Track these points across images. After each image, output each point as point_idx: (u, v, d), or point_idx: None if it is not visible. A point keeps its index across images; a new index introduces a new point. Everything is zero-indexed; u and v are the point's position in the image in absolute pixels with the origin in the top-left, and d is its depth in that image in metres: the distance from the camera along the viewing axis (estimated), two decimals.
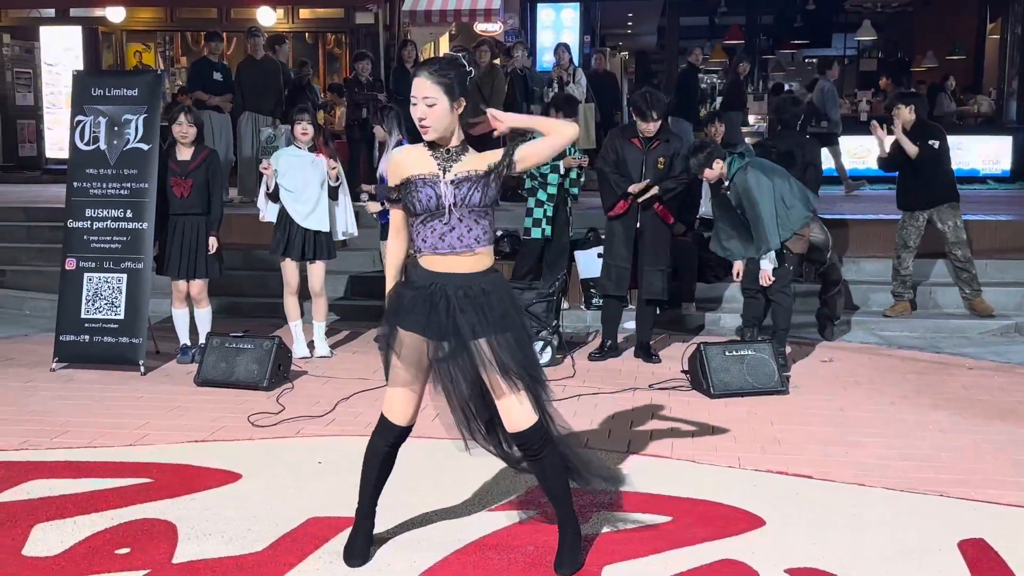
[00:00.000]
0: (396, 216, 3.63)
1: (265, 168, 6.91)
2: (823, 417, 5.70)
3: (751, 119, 14.84)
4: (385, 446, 3.63)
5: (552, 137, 3.55)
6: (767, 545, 3.88)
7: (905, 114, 8.02)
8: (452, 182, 3.43)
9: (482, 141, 3.85)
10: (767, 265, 6.48)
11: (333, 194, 7.00)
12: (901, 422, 5.60)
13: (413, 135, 4.23)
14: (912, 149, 7.93)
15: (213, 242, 6.81)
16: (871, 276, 8.87)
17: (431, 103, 3.39)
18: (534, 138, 3.59)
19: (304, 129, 6.96)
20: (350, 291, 8.94)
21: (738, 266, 6.74)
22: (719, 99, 16.19)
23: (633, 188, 6.82)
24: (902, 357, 7.30)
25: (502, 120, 3.57)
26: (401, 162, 3.54)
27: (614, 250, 7.03)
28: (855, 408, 5.91)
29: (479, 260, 3.48)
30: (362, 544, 3.71)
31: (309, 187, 6.91)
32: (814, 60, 27.42)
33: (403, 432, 3.63)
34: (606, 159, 7.00)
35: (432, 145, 3.50)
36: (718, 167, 6.51)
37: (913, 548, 3.86)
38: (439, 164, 3.46)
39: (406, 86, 12.24)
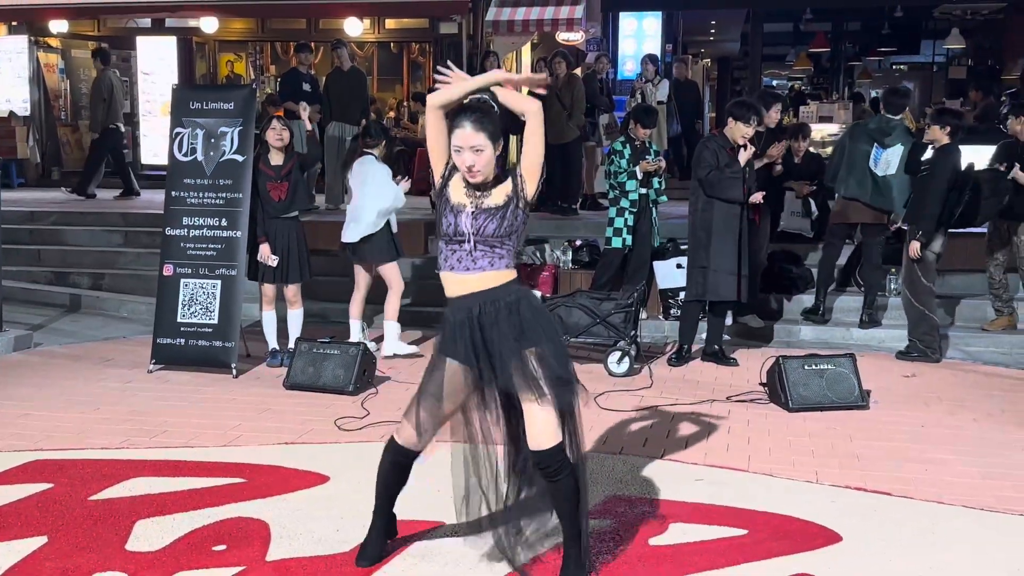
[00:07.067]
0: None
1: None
2: (904, 433, 5.67)
3: (835, 127, 14.61)
4: (390, 462, 3.82)
5: (529, 119, 3.61)
6: (844, 561, 3.91)
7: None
8: (472, 213, 3.61)
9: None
10: None
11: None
12: (984, 440, 5.55)
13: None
14: None
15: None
16: (958, 290, 8.74)
17: (479, 150, 3.56)
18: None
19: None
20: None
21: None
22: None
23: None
24: (987, 373, 7.20)
25: (461, 80, 3.66)
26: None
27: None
28: (937, 425, 5.87)
29: (495, 277, 3.63)
30: (372, 547, 3.88)
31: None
32: (902, 67, 26.94)
33: (411, 453, 3.79)
34: None
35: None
36: None
37: (994, 568, 3.86)
38: (470, 199, 3.63)
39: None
